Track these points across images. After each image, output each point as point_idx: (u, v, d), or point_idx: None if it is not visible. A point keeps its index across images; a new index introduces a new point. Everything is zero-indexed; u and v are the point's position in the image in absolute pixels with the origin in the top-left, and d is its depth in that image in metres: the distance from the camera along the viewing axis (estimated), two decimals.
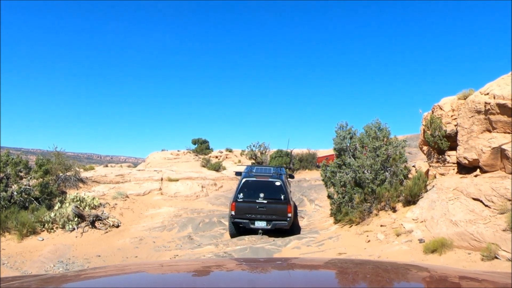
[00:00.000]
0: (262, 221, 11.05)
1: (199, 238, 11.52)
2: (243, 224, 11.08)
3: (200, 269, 2.09)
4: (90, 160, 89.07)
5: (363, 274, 1.96)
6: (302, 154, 29.27)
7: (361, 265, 2.29)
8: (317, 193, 16.16)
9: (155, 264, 2.54)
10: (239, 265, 2.36)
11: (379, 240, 9.46)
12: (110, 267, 2.22)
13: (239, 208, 11.03)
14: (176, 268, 2.17)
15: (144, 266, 2.31)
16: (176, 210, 14.06)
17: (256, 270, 2.09)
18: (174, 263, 2.74)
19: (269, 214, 11.01)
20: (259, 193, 11.13)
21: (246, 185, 11.30)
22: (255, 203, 11.06)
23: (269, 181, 11.40)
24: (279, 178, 11.66)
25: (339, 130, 12.42)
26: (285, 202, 11.14)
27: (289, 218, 11.05)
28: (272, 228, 11.10)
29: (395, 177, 11.08)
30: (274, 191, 11.20)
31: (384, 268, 2.16)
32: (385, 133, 11.59)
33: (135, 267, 2.27)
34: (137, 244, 10.98)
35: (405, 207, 10.67)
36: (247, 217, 11.01)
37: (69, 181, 15.24)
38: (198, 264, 2.43)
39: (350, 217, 10.99)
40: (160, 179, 17.20)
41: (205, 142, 40.37)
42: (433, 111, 13.73)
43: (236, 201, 11.09)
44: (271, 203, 11.06)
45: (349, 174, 11.43)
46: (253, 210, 11.01)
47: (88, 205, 13.36)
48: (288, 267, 2.23)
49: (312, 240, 10.31)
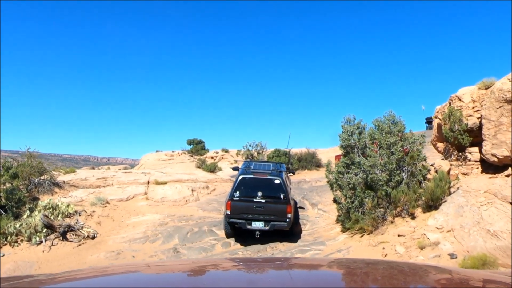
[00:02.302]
0: (260, 222, 10.05)
1: (187, 250, 9.95)
2: (239, 224, 10.08)
3: (195, 268, 1.89)
4: (87, 162, 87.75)
5: (375, 276, 1.77)
6: (301, 153, 27.83)
7: (373, 265, 2.06)
8: (319, 196, 14.60)
9: (140, 265, 2.27)
10: (236, 265, 2.11)
11: (398, 254, 7.92)
12: (89, 270, 2.04)
13: (235, 207, 10.04)
14: (167, 268, 1.95)
15: (128, 267, 2.09)
16: (162, 218, 12.46)
17: (254, 270, 1.89)
18: (161, 263, 2.33)
19: (267, 214, 10.03)
20: (257, 192, 10.14)
21: (243, 182, 10.30)
22: (253, 202, 10.06)
23: (267, 179, 10.38)
24: (278, 175, 10.53)
25: (346, 125, 10.87)
26: (285, 202, 10.12)
27: (288, 219, 10.01)
28: (270, 230, 10.03)
29: (413, 178, 9.55)
30: (273, 190, 10.22)
31: (400, 269, 1.96)
32: (400, 128, 10.07)
33: (120, 268, 2.04)
34: (113, 259, 9.39)
35: (425, 213, 9.15)
36: (244, 217, 10.05)
37: (43, 185, 13.62)
38: (189, 264, 2.11)
39: (361, 225, 9.45)
40: (147, 182, 15.59)
41: (201, 142, 39.09)
42: (450, 103, 12.23)
43: (232, 200, 10.10)
44: (269, 203, 10.08)
45: (359, 175, 9.88)
46: (250, 210, 10.03)
47: (61, 213, 11.76)
48: (289, 267, 2.05)
49: (318, 254, 8.77)
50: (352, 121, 10.98)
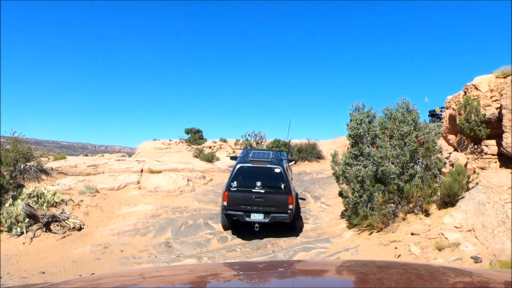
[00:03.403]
0: (259, 214, 9.39)
1: (180, 245, 9.18)
2: (237, 216, 9.44)
3: (194, 280, 1.77)
4: (84, 150, 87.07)
5: (389, 282, 1.62)
6: (302, 144, 27.09)
7: (386, 269, 1.92)
8: (322, 189, 13.83)
9: (135, 276, 1.97)
10: (236, 274, 1.93)
11: (413, 255, 7.16)
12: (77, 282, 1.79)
13: (232, 198, 9.37)
14: (162, 280, 1.77)
15: (121, 279, 1.88)
16: (154, 209, 11.67)
17: (257, 281, 1.74)
18: (157, 273, 2.01)
19: (267, 205, 9.38)
20: (256, 181, 9.45)
21: (241, 171, 9.61)
22: (251, 192, 9.39)
23: (267, 168, 9.69)
24: (279, 164, 9.76)
25: (355, 112, 10.06)
26: (286, 192, 9.45)
27: (290, 210, 9.38)
28: (270, 222, 9.39)
29: (428, 172, 8.77)
30: (273, 179, 9.54)
31: (417, 273, 1.81)
32: (415, 116, 9.25)
33: (112, 281, 1.81)
34: (100, 254, 8.61)
35: (441, 210, 8.38)
36: (242, 208, 9.39)
37: (29, 172, 12.79)
38: (187, 274, 1.96)
39: (370, 222, 8.68)
40: (140, 171, 14.76)
41: (199, 131, 38.24)
42: (466, 92, 11.41)
43: (229, 190, 9.42)
44: (269, 193, 9.42)
45: (369, 167, 9.09)
46: (248, 201, 9.37)
47: (47, 202, 10.96)
48: (293, 275, 1.90)
49: (323, 252, 8.00)
50: (361, 109, 10.17)
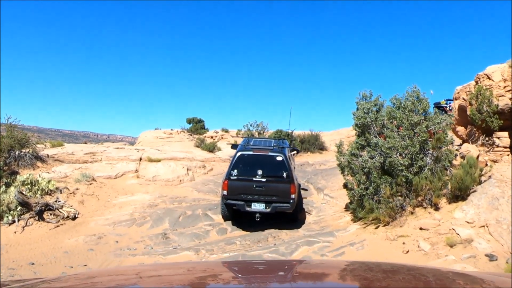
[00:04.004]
0: (260, 203, 9.11)
1: (177, 237, 8.82)
2: (238, 206, 9.16)
3: (193, 281, 1.69)
4: (86, 139, 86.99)
5: None
6: (304, 135, 26.69)
7: (392, 275, 1.81)
8: (325, 180, 13.44)
9: (131, 275, 1.84)
10: (235, 277, 1.85)
11: (423, 251, 6.77)
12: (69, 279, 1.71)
13: (232, 187, 9.09)
14: (160, 280, 1.68)
15: (117, 278, 1.77)
16: (152, 198, 11.31)
17: (256, 284, 1.66)
18: (154, 272, 1.88)
19: (269, 194, 9.10)
20: (257, 170, 9.15)
21: (241, 160, 9.30)
22: (252, 181, 9.09)
23: (268, 155, 9.36)
24: (281, 152, 9.39)
25: (362, 101, 9.61)
26: (288, 181, 9.12)
27: (292, 200, 9.10)
28: (272, 212, 9.13)
29: (438, 164, 8.35)
30: (275, 168, 9.24)
31: (425, 279, 1.70)
32: (425, 105, 8.82)
33: (106, 279, 1.72)
34: (93, 244, 8.26)
35: (451, 204, 7.98)
36: (242, 198, 9.10)
37: (24, 159, 12.42)
38: (184, 273, 1.86)
39: (376, 215, 8.29)
40: (139, 159, 14.38)
41: (201, 121, 37.81)
42: (478, 82, 10.95)
43: (229, 179, 9.14)
44: (271, 182, 9.13)
45: (376, 158, 8.67)
46: (249, 190, 9.08)
47: (41, 190, 10.60)
48: (293, 279, 1.80)
49: (327, 247, 7.62)
50: (368, 97, 9.72)
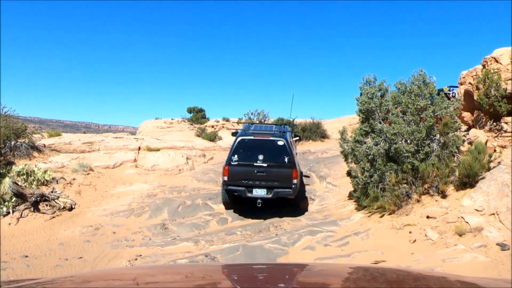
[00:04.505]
0: (262, 189, 8.92)
1: (176, 227, 8.59)
2: (239, 192, 8.98)
3: None
4: (88, 129, 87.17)
5: None
6: (305, 123, 26.37)
7: (396, 285, 1.53)
8: (328, 168, 13.17)
9: (126, 279, 1.66)
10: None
11: (430, 240, 6.52)
12: None
13: (233, 173, 8.90)
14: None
15: (113, 283, 1.59)
16: (151, 188, 11.06)
17: None
18: (151, 278, 1.69)
19: (270, 180, 8.92)
20: (258, 155, 8.96)
21: (242, 144, 9.11)
22: (253, 166, 8.92)
23: (270, 140, 9.17)
24: (282, 136, 9.18)
25: (366, 86, 9.29)
26: (290, 166, 8.94)
27: (294, 185, 8.91)
28: (273, 198, 8.97)
29: (445, 150, 8.06)
30: (276, 153, 9.04)
31: None
32: (432, 90, 8.50)
33: (102, 284, 1.55)
34: (90, 236, 8.03)
35: (459, 191, 7.70)
36: (243, 183, 8.92)
37: (20, 149, 12.16)
38: (182, 280, 1.67)
39: (381, 203, 8.03)
40: (137, 149, 14.11)
41: (201, 110, 37.43)
42: (485, 66, 10.62)
43: (229, 165, 8.96)
44: (272, 167, 8.94)
45: (380, 144, 8.38)
46: (250, 176, 8.91)
47: (37, 180, 10.36)
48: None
49: (331, 236, 7.38)
50: (372, 82, 9.40)
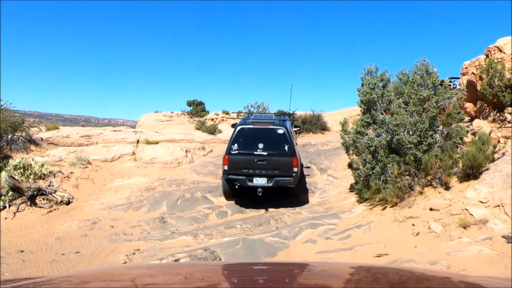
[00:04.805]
0: (262, 178, 8.97)
1: (175, 221, 8.47)
2: (239, 181, 9.01)
3: None
4: (87, 123, 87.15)
5: None
6: (306, 116, 26.22)
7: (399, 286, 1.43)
8: (328, 161, 13.03)
9: (124, 280, 1.56)
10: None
11: (434, 233, 6.39)
12: None
13: (233, 162, 8.94)
14: None
15: (111, 284, 1.46)
16: (149, 181, 10.93)
17: None
18: (150, 279, 1.61)
19: (271, 169, 8.94)
20: (258, 144, 8.97)
21: (242, 133, 9.14)
22: (253, 155, 8.94)
23: (269, 129, 9.19)
24: (282, 125, 9.15)
25: (367, 76, 9.12)
26: (290, 154, 8.97)
27: (294, 174, 8.94)
28: (274, 186, 9.01)
29: (448, 141, 7.91)
30: (276, 141, 9.06)
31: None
32: (435, 80, 8.33)
33: (100, 285, 1.45)
34: (87, 230, 7.91)
35: (462, 183, 7.56)
36: (244, 172, 8.95)
37: (17, 143, 12.02)
38: (181, 282, 1.57)
39: (383, 195, 7.90)
40: (136, 142, 13.97)
41: (201, 104, 37.33)
42: (488, 55, 10.42)
43: (229, 154, 8.99)
44: (272, 156, 8.96)
45: (382, 135, 8.23)
46: (250, 164, 8.93)
47: (34, 174, 10.23)
48: None
49: (332, 229, 7.25)
50: (374, 72, 9.22)
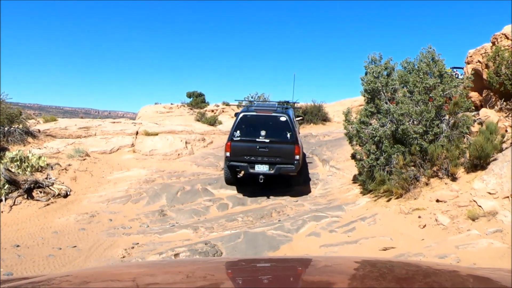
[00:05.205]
0: (264, 165, 9.03)
1: (175, 213, 8.30)
2: (241, 168, 9.17)
3: None
4: (87, 115, 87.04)
5: None
6: (307, 107, 26.01)
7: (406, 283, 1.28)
8: (331, 152, 12.82)
9: (126, 280, 1.42)
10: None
11: (441, 225, 6.20)
12: None
13: (235, 149, 8.99)
14: None
15: (112, 284, 1.31)
16: (149, 174, 10.74)
17: None
18: (151, 278, 1.43)
19: (273, 156, 9.00)
20: (260, 131, 9.02)
21: (244, 120, 9.17)
22: (255, 142, 8.99)
23: (272, 116, 9.23)
24: (284, 112, 9.14)
25: (371, 65, 8.88)
26: (292, 142, 9.03)
27: (296, 161, 9.01)
28: (276, 174, 9.07)
29: (455, 131, 7.70)
30: (279, 128, 9.09)
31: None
32: (441, 67, 8.09)
33: (101, 286, 1.30)
34: (85, 223, 7.74)
35: (469, 174, 7.36)
36: (246, 159, 9.01)
37: (13, 135, 11.82)
38: (183, 280, 1.40)
39: (387, 187, 7.70)
40: (135, 133, 13.77)
41: (201, 95, 37.14)
42: (494, 43, 10.17)
43: (231, 140, 9.03)
44: (274, 143, 9.01)
45: (387, 125, 8.02)
46: (252, 151, 9.00)
47: (31, 167, 10.05)
48: None
49: (336, 222, 7.07)
50: (378, 60, 8.98)
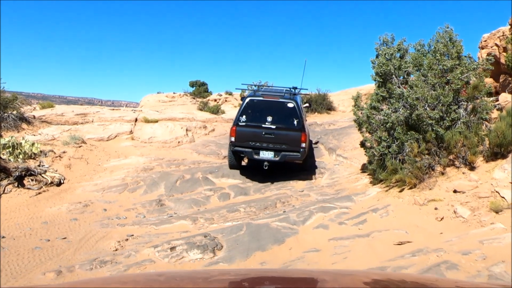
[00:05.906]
0: (269, 151, 8.87)
1: (174, 203, 7.84)
2: (245, 153, 9.02)
3: None
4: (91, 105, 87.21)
5: None
6: (311, 95, 25.51)
7: None
8: (337, 140, 12.31)
9: None
10: None
11: (461, 218, 5.70)
12: None
13: (240, 134, 8.84)
14: None
15: None
16: (147, 161, 10.27)
17: None
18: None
19: (278, 142, 8.85)
20: (266, 116, 8.84)
21: (251, 105, 8.98)
22: (261, 128, 8.84)
23: (279, 102, 9.03)
24: (292, 99, 8.89)
25: (382, 46, 8.33)
26: (299, 129, 8.85)
27: (302, 149, 8.86)
28: (281, 161, 8.94)
29: (474, 116, 7.16)
30: (286, 115, 8.90)
31: None
32: (459, 49, 7.52)
33: None
34: (78, 213, 7.29)
35: (489, 163, 6.83)
36: (250, 145, 8.86)
37: (7, 121, 11.36)
38: None
39: (400, 176, 7.19)
40: (134, 120, 13.28)
41: (204, 84, 36.77)
42: None
43: (237, 125, 8.90)
44: (281, 129, 8.84)
45: (400, 111, 7.49)
46: (258, 137, 8.85)
47: (23, 153, 9.59)
48: None
49: (345, 213, 6.58)
50: (390, 42, 8.43)
